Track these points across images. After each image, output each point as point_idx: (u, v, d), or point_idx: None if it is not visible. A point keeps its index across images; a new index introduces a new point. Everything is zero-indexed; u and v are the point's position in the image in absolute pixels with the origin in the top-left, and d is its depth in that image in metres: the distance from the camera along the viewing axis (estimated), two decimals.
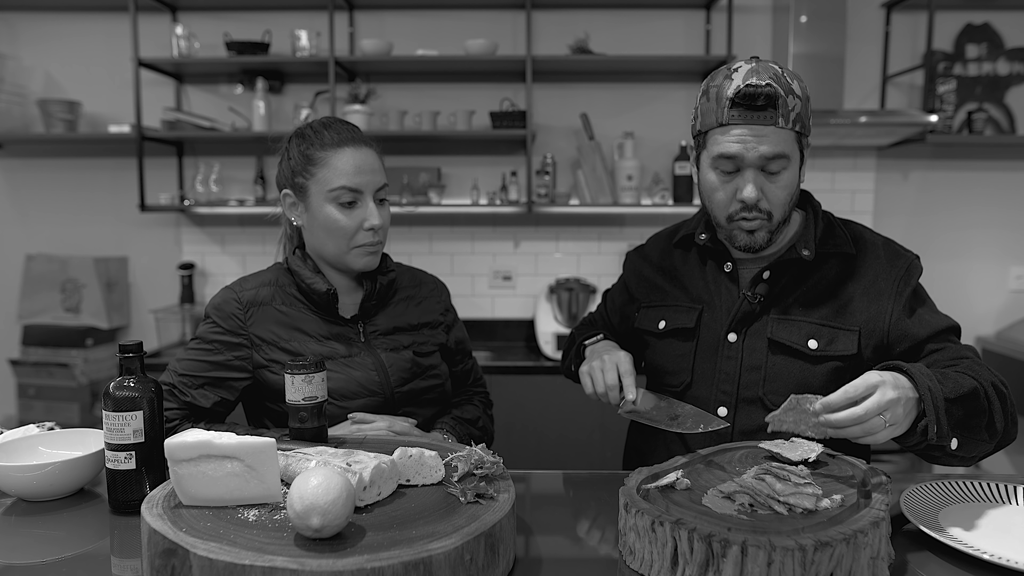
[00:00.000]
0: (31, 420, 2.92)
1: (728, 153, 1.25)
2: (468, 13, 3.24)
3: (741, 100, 1.22)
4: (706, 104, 1.28)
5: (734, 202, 1.28)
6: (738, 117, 1.23)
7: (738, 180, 1.27)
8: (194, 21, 3.23)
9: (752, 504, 0.94)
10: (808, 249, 1.33)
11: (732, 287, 1.38)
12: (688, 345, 1.40)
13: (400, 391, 1.44)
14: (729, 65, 1.28)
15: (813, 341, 1.31)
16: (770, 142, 1.23)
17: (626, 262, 1.61)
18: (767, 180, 1.26)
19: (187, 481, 0.91)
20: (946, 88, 3.13)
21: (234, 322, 1.40)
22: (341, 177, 1.37)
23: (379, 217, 1.39)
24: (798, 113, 1.25)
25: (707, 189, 1.32)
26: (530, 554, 0.99)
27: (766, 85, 1.21)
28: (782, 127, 1.23)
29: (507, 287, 3.39)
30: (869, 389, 1.03)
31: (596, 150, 3.17)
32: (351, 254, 1.41)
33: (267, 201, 3.21)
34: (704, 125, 1.29)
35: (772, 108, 1.22)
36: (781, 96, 1.22)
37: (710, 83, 1.28)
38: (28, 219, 3.40)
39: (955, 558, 0.96)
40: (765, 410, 1.32)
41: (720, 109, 1.25)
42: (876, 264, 1.34)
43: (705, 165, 1.31)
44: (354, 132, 1.43)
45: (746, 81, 1.22)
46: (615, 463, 1.73)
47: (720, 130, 1.26)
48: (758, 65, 1.25)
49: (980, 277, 3.36)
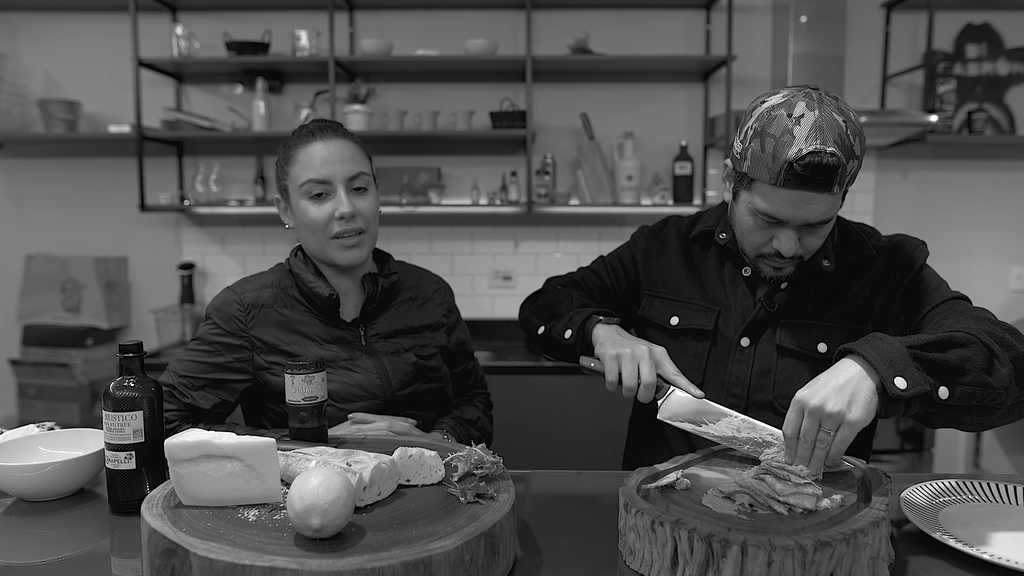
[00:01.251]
0: (31, 420, 2.93)
1: (774, 215, 1.19)
2: (468, 13, 3.24)
3: (802, 170, 1.11)
4: (759, 154, 1.16)
5: (768, 246, 1.25)
6: (794, 183, 1.13)
7: (776, 231, 1.22)
8: (194, 21, 3.23)
9: (752, 504, 0.94)
10: (828, 259, 1.32)
11: (748, 292, 1.36)
12: (702, 346, 1.38)
13: (401, 394, 1.44)
14: (789, 106, 1.14)
15: (823, 344, 1.30)
16: (819, 209, 1.16)
17: (638, 237, 1.53)
18: (806, 233, 1.22)
19: (187, 481, 0.91)
20: (946, 88, 3.14)
21: (235, 324, 1.40)
22: (308, 171, 1.37)
23: (348, 205, 1.36)
24: (853, 174, 1.16)
25: (741, 227, 1.27)
26: (530, 554, 0.99)
27: (831, 154, 1.10)
28: (835, 192, 1.15)
29: (507, 287, 3.39)
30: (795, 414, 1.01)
31: (596, 150, 3.17)
32: (330, 247, 1.39)
33: (267, 201, 3.21)
34: (753, 173, 1.18)
35: (831, 178, 1.12)
36: (842, 165, 1.12)
37: (767, 128, 1.15)
38: (28, 219, 3.40)
39: (955, 558, 0.96)
40: (775, 414, 1.31)
41: (776, 168, 1.14)
42: (881, 259, 1.34)
43: (744, 206, 1.24)
44: (325, 125, 1.41)
45: (810, 146, 1.10)
46: (615, 463, 1.73)
47: (769, 188, 1.17)
48: (821, 117, 1.12)
49: (980, 277, 3.36)
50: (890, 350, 1.01)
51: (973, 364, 1.04)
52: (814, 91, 1.16)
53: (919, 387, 0.99)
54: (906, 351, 1.01)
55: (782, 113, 1.15)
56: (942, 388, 1.01)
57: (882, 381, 0.98)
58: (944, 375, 1.02)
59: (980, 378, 1.03)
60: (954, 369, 1.03)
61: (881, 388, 0.99)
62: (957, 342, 1.05)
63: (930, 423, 1.08)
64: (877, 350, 1.01)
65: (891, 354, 1.00)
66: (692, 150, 3.25)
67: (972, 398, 1.03)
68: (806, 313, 1.33)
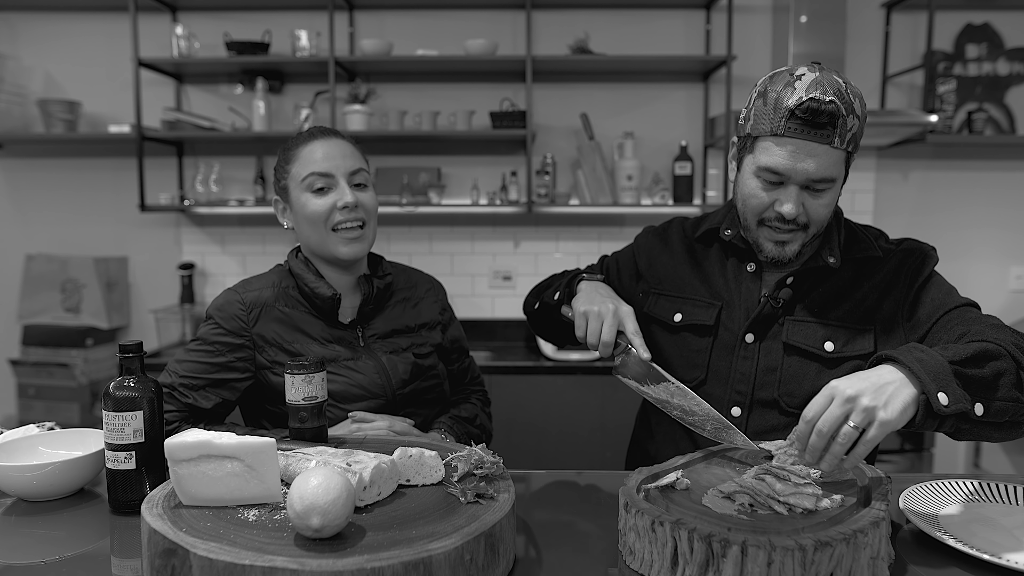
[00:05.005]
0: (31, 420, 2.93)
1: (777, 168, 1.21)
2: (468, 13, 3.24)
3: (802, 114, 1.16)
4: (762, 108, 1.22)
5: (771, 209, 1.26)
6: (795, 131, 1.18)
7: (780, 192, 1.23)
8: (194, 21, 3.23)
9: (752, 504, 0.94)
10: (834, 256, 1.32)
11: (753, 288, 1.36)
12: (704, 341, 1.38)
13: (402, 393, 1.45)
14: (792, 70, 1.21)
15: (830, 343, 1.30)
16: (821, 163, 1.19)
17: (641, 238, 1.55)
18: (809, 196, 1.23)
19: (187, 481, 0.91)
20: (946, 88, 3.14)
21: (237, 323, 1.40)
22: (310, 165, 1.40)
23: (351, 195, 1.40)
24: (854, 133, 1.20)
25: (745, 192, 1.28)
26: (530, 554, 0.99)
27: (830, 101, 1.15)
28: (837, 147, 1.19)
29: (507, 287, 3.39)
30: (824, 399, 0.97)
31: (596, 150, 3.17)
32: (332, 239, 1.41)
33: (267, 201, 3.21)
34: (756, 130, 1.23)
35: (831, 127, 1.17)
36: (843, 116, 1.17)
37: (770, 86, 1.22)
38: (28, 219, 3.40)
39: (955, 558, 0.96)
40: (780, 413, 1.31)
41: (778, 118, 1.19)
42: (891, 262, 1.33)
43: (748, 169, 1.27)
44: (327, 130, 1.46)
45: (810, 94, 1.16)
46: (615, 463, 1.73)
47: (773, 139, 1.21)
48: (822, 76, 1.18)
49: (980, 277, 3.36)
50: (933, 363, 0.99)
51: (1007, 379, 1.03)
52: (816, 63, 1.22)
53: (960, 404, 0.97)
54: (948, 366, 0.99)
55: (783, 73, 1.22)
56: (978, 405, 1.00)
57: (926, 393, 0.96)
58: (980, 391, 1.01)
59: (1012, 393, 1.03)
60: (989, 385, 1.02)
61: (924, 401, 0.97)
62: (991, 354, 1.05)
63: (959, 437, 1.04)
64: (921, 362, 0.99)
65: (935, 367, 0.98)
66: (692, 150, 3.25)
67: (1005, 413, 1.02)
68: (814, 312, 1.32)
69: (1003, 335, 1.11)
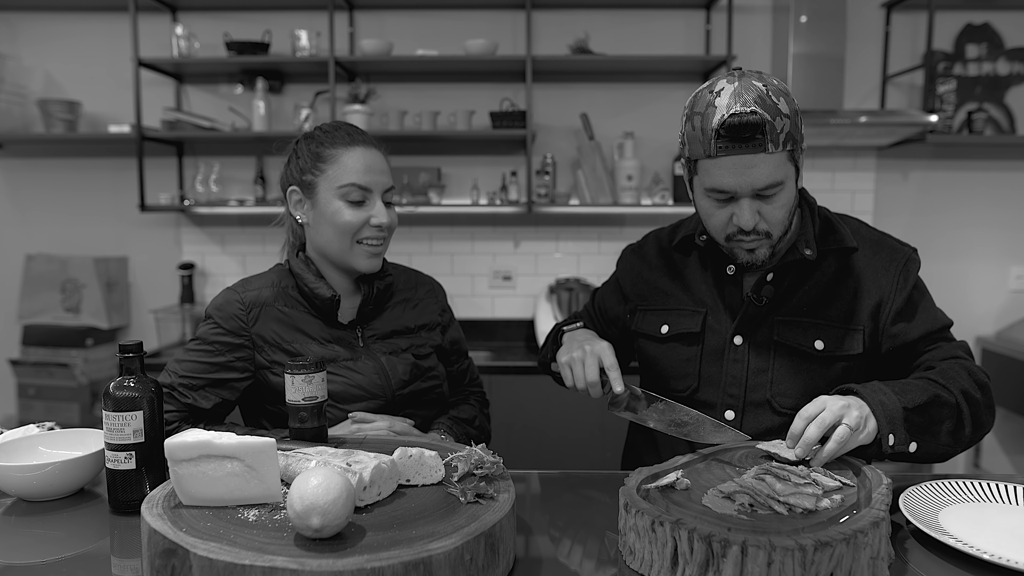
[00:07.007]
0: (31, 420, 2.93)
1: (721, 187, 1.21)
2: (468, 13, 3.24)
3: (727, 132, 1.16)
4: (692, 132, 1.22)
5: (731, 225, 1.26)
6: (726, 149, 1.17)
7: (733, 207, 1.24)
8: (194, 21, 3.23)
9: (752, 504, 0.94)
10: (810, 248, 1.32)
11: (735, 290, 1.37)
12: (693, 349, 1.39)
13: (401, 393, 1.45)
14: (712, 85, 1.20)
15: (820, 342, 1.31)
16: (762, 172, 1.18)
17: (621, 260, 1.57)
18: (763, 203, 1.23)
19: (187, 481, 0.91)
20: (946, 88, 3.14)
21: (236, 323, 1.40)
22: (352, 174, 1.39)
23: (387, 216, 1.40)
24: (788, 132, 1.18)
25: (703, 212, 1.30)
26: (530, 554, 0.99)
27: (751, 112, 1.14)
28: (772, 152, 1.18)
29: (507, 287, 3.39)
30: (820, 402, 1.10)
31: (596, 150, 3.17)
32: (354, 251, 1.41)
33: (267, 201, 3.21)
34: (693, 153, 1.23)
35: (760, 135, 1.16)
36: (768, 122, 1.15)
37: (693, 109, 1.21)
38: (28, 219, 3.40)
39: (955, 558, 0.96)
40: (773, 413, 1.32)
41: (707, 140, 1.19)
42: (876, 260, 1.34)
43: (699, 191, 1.27)
44: (364, 134, 1.45)
45: (730, 111, 1.15)
46: (615, 463, 1.73)
47: (709, 161, 1.20)
48: (740, 85, 1.17)
49: (980, 277, 3.36)
50: (892, 407, 1.15)
51: (947, 426, 1.20)
52: (736, 70, 1.22)
53: (901, 446, 1.15)
54: (901, 412, 1.15)
55: (704, 92, 1.22)
56: (912, 443, 1.16)
57: (879, 433, 1.13)
58: (919, 433, 1.17)
59: (947, 439, 1.20)
60: (930, 432, 1.18)
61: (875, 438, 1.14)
62: (941, 402, 1.19)
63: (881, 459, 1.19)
64: (882, 405, 1.14)
65: (892, 412, 1.14)
66: None
67: (934, 454, 1.20)
68: (802, 310, 1.33)
69: (960, 378, 1.23)
